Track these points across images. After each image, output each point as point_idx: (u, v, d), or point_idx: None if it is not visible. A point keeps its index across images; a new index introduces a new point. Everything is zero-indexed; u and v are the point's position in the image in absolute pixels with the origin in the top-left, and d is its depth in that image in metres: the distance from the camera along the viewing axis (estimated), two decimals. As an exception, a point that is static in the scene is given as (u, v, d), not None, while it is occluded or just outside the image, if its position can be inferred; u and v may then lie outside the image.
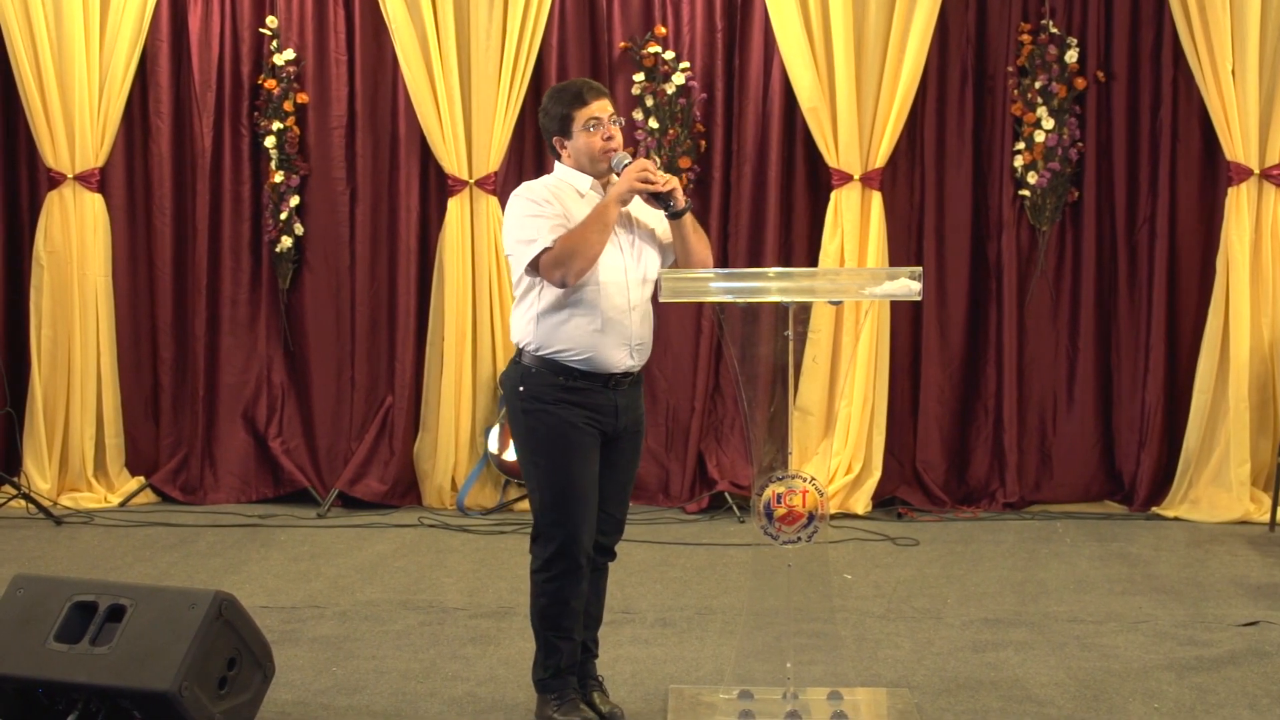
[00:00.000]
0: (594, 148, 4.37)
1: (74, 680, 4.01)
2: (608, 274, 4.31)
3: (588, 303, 4.29)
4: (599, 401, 4.34)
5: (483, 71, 7.48)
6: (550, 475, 4.33)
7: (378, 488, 7.61)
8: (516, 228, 4.32)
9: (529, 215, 4.30)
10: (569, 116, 4.36)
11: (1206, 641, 5.24)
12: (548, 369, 4.32)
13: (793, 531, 4.43)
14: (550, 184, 4.43)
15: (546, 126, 4.45)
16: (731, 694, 4.54)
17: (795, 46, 7.37)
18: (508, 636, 5.30)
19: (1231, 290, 7.31)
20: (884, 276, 4.71)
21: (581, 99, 4.36)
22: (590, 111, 4.36)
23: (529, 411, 4.34)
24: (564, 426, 4.30)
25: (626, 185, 4.28)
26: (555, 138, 4.42)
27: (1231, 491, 7.28)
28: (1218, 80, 7.24)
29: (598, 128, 4.36)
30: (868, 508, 7.44)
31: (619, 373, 4.37)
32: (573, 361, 4.31)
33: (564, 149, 4.42)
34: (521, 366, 4.37)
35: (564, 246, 4.22)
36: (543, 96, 4.57)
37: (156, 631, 4.01)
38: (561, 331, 4.30)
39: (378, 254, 7.75)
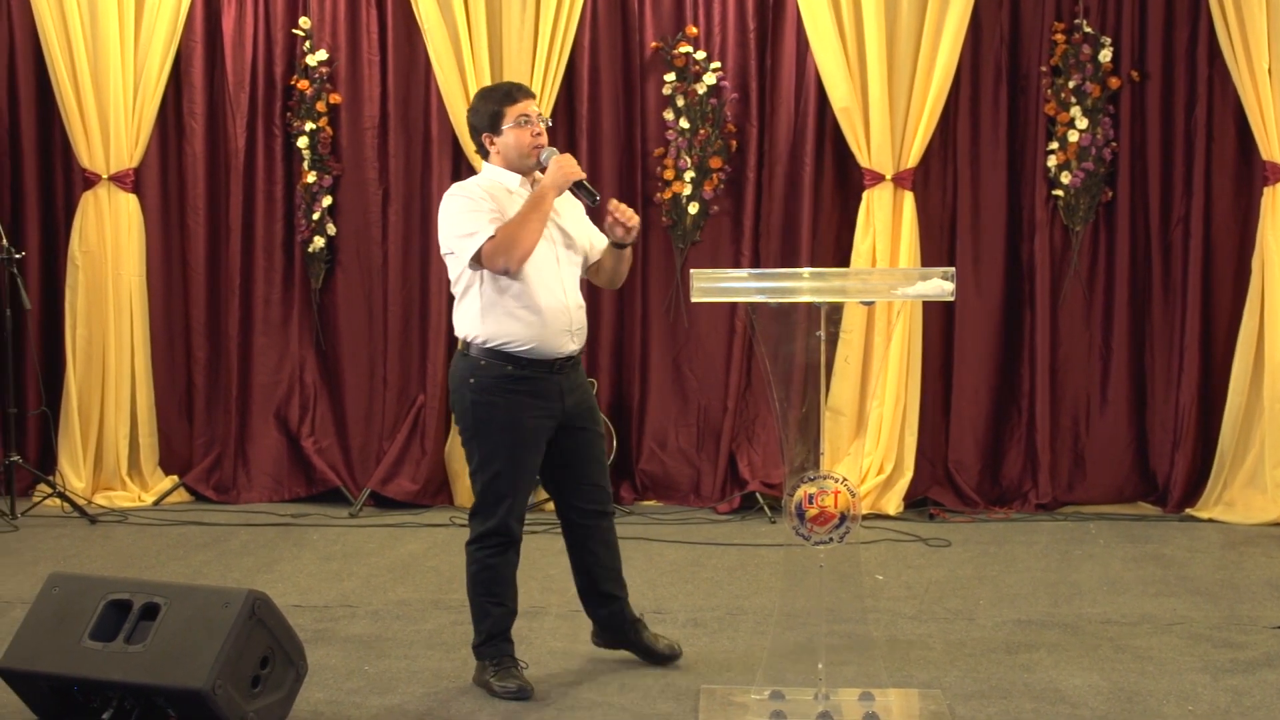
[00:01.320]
0: (524, 142, 4.64)
1: (109, 678, 4.04)
2: (542, 266, 4.61)
3: (528, 294, 4.58)
4: (545, 388, 4.63)
5: (515, 72, 7.48)
6: (493, 461, 4.64)
7: (409, 487, 7.63)
8: (454, 224, 4.58)
9: (466, 211, 4.57)
10: (499, 113, 4.65)
11: (1242, 644, 5.21)
12: (496, 359, 4.60)
13: (824, 532, 4.43)
14: (481, 183, 4.70)
15: (476, 124, 4.73)
16: (763, 694, 4.54)
17: (827, 46, 7.36)
18: (539, 635, 5.31)
19: (1267, 291, 7.27)
20: (916, 277, 4.70)
21: (511, 97, 4.66)
22: (520, 108, 4.64)
23: (479, 403, 4.62)
24: (512, 417, 4.61)
25: (561, 174, 4.57)
26: (485, 135, 4.69)
27: (1267, 493, 7.24)
28: (1254, 79, 7.19)
29: (527, 123, 4.64)
30: (899, 508, 7.42)
31: (562, 357, 4.66)
32: (519, 351, 4.60)
33: (493, 145, 4.69)
34: (470, 359, 4.64)
35: (505, 236, 4.49)
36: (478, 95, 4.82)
37: (190, 630, 4.04)
38: (506, 323, 4.58)
39: (409, 254, 7.76)
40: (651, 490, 7.76)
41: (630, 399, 7.79)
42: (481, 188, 4.66)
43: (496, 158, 4.71)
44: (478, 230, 4.53)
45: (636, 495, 7.74)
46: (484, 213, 4.56)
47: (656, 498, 7.75)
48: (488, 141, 4.70)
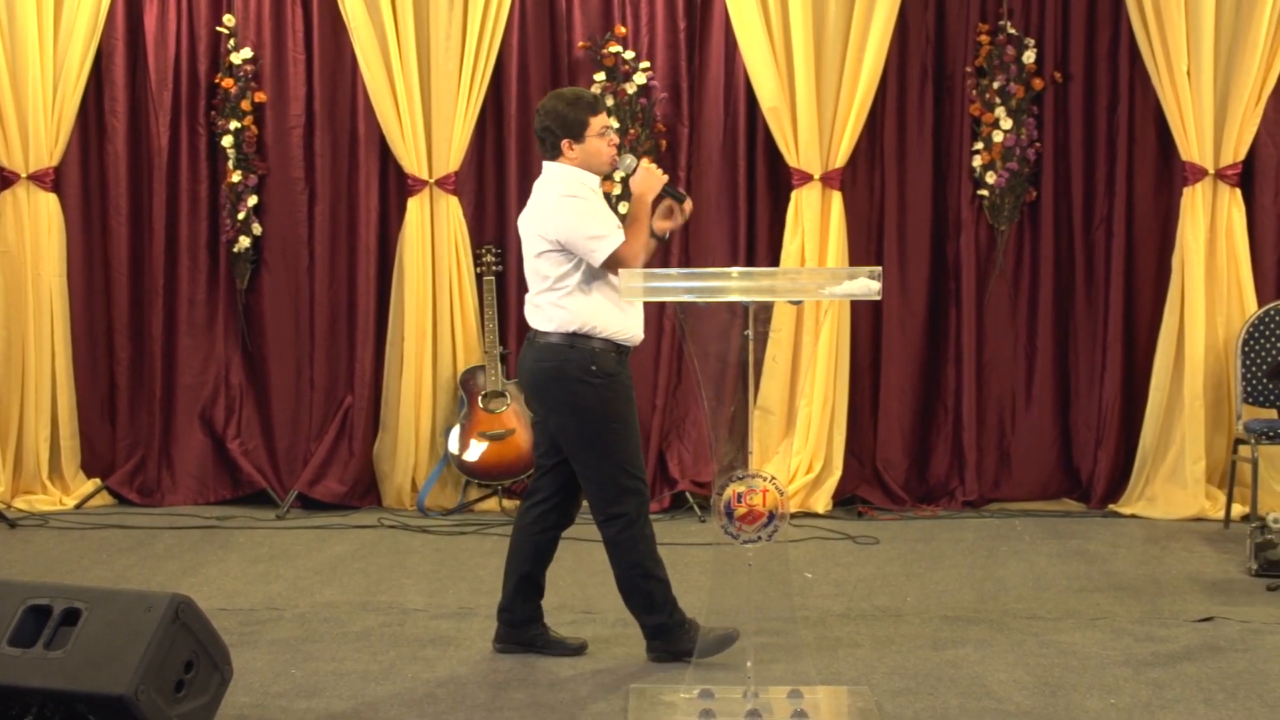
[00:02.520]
0: (604, 154, 4.89)
1: (28, 685, 3.97)
2: None
3: (616, 288, 4.76)
4: (628, 371, 4.96)
5: (443, 71, 7.46)
6: (629, 436, 4.90)
7: (337, 489, 7.58)
8: (583, 225, 4.78)
9: (591, 214, 4.81)
10: (586, 122, 4.84)
11: (1163, 638, 5.27)
12: (610, 348, 4.85)
13: (753, 530, 4.43)
14: (578, 184, 4.88)
15: (555, 128, 4.86)
16: (692, 693, 4.55)
17: (756, 46, 7.38)
18: (468, 637, 5.29)
19: (1187, 289, 7.37)
20: (844, 276, 4.73)
21: (595, 108, 4.88)
22: (602, 120, 4.88)
23: (605, 385, 4.84)
24: (628, 402, 4.91)
25: (654, 179, 4.87)
26: (564, 140, 4.85)
27: (1187, 489, 7.34)
28: (1173, 81, 7.29)
29: (606, 135, 4.88)
30: (828, 506, 7.45)
31: (639, 343, 5.01)
32: (624, 338, 4.89)
33: (571, 150, 4.86)
34: (583, 351, 4.82)
35: (635, 243, 4.78)
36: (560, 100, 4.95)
37: (112, 635, 3.98)
38: (615, 315, 4.84)
39: (337, 254, 7.71)
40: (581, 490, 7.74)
41: (559, 399, 7.76)
42: (585, 187, 4.88)
43: (571, 160, 4.89)
44: (609, 234, 4.76)
45: (566, 495, 7.72)
46: (608, 215, 4.86)
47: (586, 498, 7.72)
48: (567, 146, 4.86)
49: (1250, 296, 7.38)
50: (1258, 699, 4.62)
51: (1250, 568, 6.16)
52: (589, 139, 4.85)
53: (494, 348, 7.52)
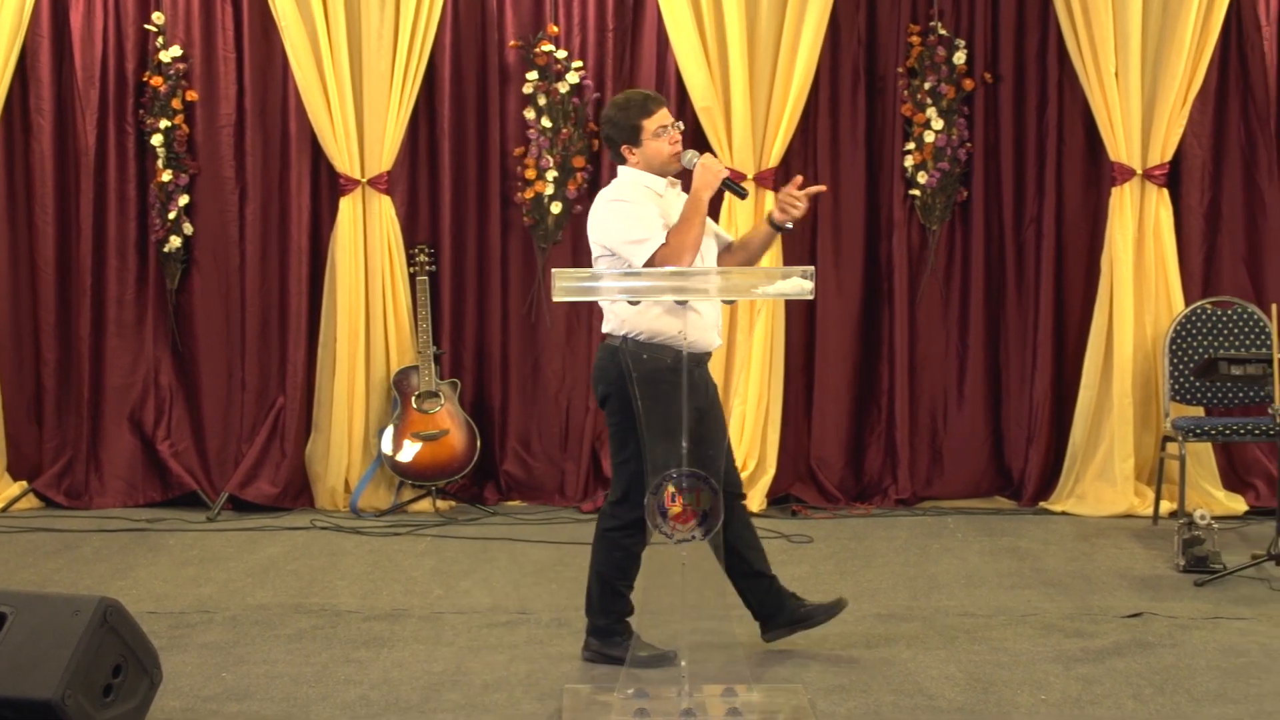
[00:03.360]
0: (664, 153, 4.81)
1: (-47, 690, 3.92)
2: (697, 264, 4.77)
3: None
4: (695, 379, 4.71)
5: (374, 70, 7.42)
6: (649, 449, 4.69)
7: (269, 490, 7.53)
8: (624, 229, 4.73)
9: (634, 216, 4.73)
10: (638, 126, 4.80)
11: (1092, 633, 5.32)
12: (659, 353, 4.71)
13: (687, 530, 4.43)
14: (635, 188, 4.82)
15: (614, 136, 4.87)
16: (627, 693, 4.54)
17: (688, 46, 7.40)
18: (401, 639, 5.26)
19: (1116, 288, 7.45)
20: (777, 275, 4.73)
21: (647, 109, 4.82)
22: (657, 120, 4.81)
23: (645, 394, 4.71)
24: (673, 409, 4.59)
25: (711, 176, 4.73)
26: (624, 146, 4.84)
27: (1116, 486, 7.41)
28: (1101, 82, 7.37)
29: (665, 134, 4.80)
30: (763, 505, 7.48)
31: (710, 352, 4.88)
32: (679, 345, 4.63)
33: (633, 155, 4.84)
34: (629, 353, 4.74)
35: (677, 241, 4.66)
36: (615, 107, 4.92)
37: (38, 639, 3.93)
38: (666, 319, 4.70)
39: (268, 254, 7.66)
40: (515, 491, 7.74)
41: (492, 400, 7.76)
42: (640, 190, 4.80)
43: (637, 164, 4.84)
44: (650, 236, 4.68)
45: (501, 496, 7.72)
46: (653, 219, 4.72)
47: (521, 498, 7.73)
48: (628, 152, 4.84)
49: (1178, 295, 7.47)
50: (1185, 694, 4.67)
51: (1178, 564, 6.23)
52: (645, 141, 4.81)
53: (427, 348, 7.49)
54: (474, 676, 4.84)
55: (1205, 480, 7.43)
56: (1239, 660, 5.01)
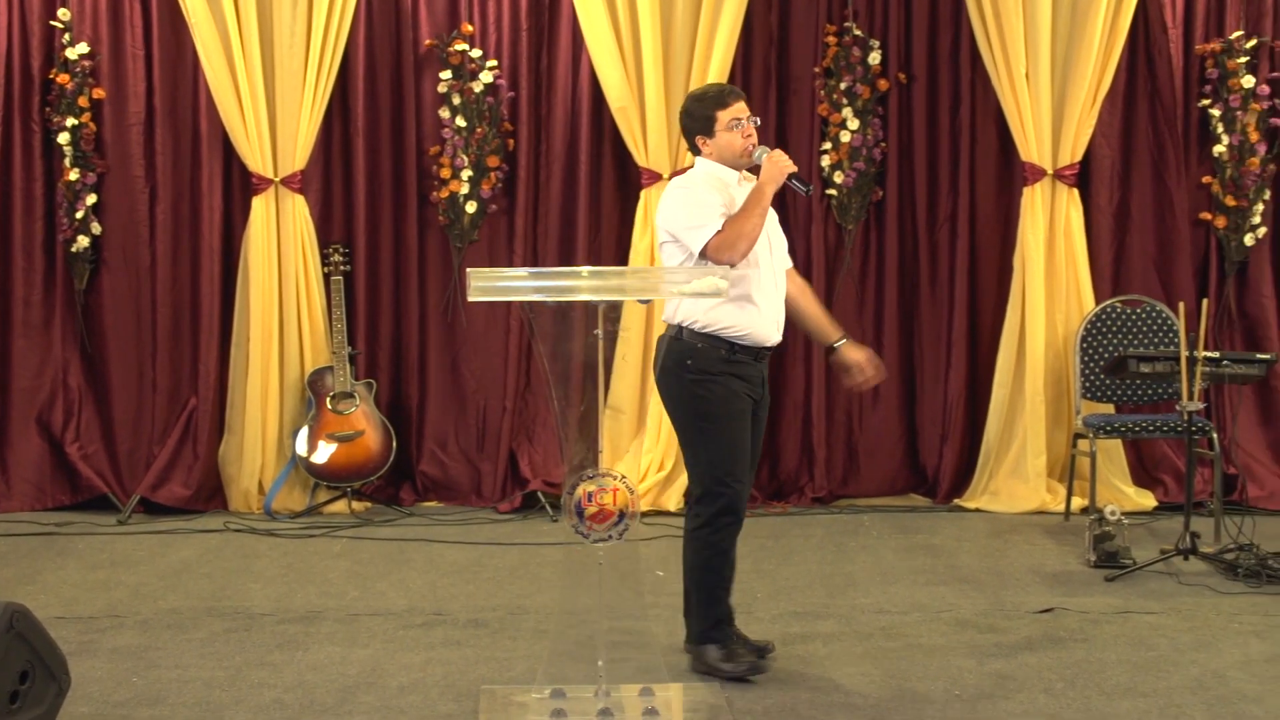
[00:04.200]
0: (736, 145, 4.81)
1: None
2: (759, 259, 4.75)
3: (746, 285, 4.71)
4: (751, 373, 4.78)
5: (287, 68, 7.35)
6: (718, 438, 4.74)
7: (181, 493, 7.43)
8: (683, 216, 4.72)
9: (695, 204, 4.72)
10: (712, 118, 4.80)
11: (1005, 629, 5.38)
12: (713, 344, 4.72)
13: (604, 529, 4.43)
14: (704, 177, 4.82)
15: (690, 126, 4.87)
16: (544, 693, 4.53)
17: (603, 46, 7.39)
18: (316, 641, 5.21)
19: (1028, 287, 7.53)
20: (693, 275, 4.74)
21: (723, 101, 4.81)
22: (732, 113, 4.79)
23: (698, 382, 4.74)
24: (730, 395, 4.74)
25: (776, 170, 4.71)
26: (698, 136, 4.84)
27: (1029, 483, 7.49)
28: (1012, 83, 7.45)
29: (738, 126, 4.79)
30: (680, 505, 7.47)
31: (769, 347, 4.82)
32: (734, 337, 4.73)
33: (706, 146, 4.84)
34: (685, 343, 4.76)
35: (732, 230, 4.64)
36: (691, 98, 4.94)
37: (-56, 646, 3.86)
38: (726, 311, 4.69)
39: (179, 253, 7.56)
40: (432, 491, 7.70)
41: (409, 400, 7.72)
42: (709, 180, 4.80)
43: (711, 155, 4.84)
44: (707, 223, 4.66)
45: (417, 497, 7.68)
46: (713, 206, 4.70)
47: (438, 499, 7.69)
48: (701, 143, 4.84)
49: (1088, 294, 7.57)
50: (1095, 688, 4.73)
51: (1089, 559, 6.31)
52: (719, 133, 4.80)
53: (342, 348, 7.44)
54: (390, 678, 4.81)
55: (1115, 476, 7.53)
56: (1148, 654, 5.08)
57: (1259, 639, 5.25)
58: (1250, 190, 7.56)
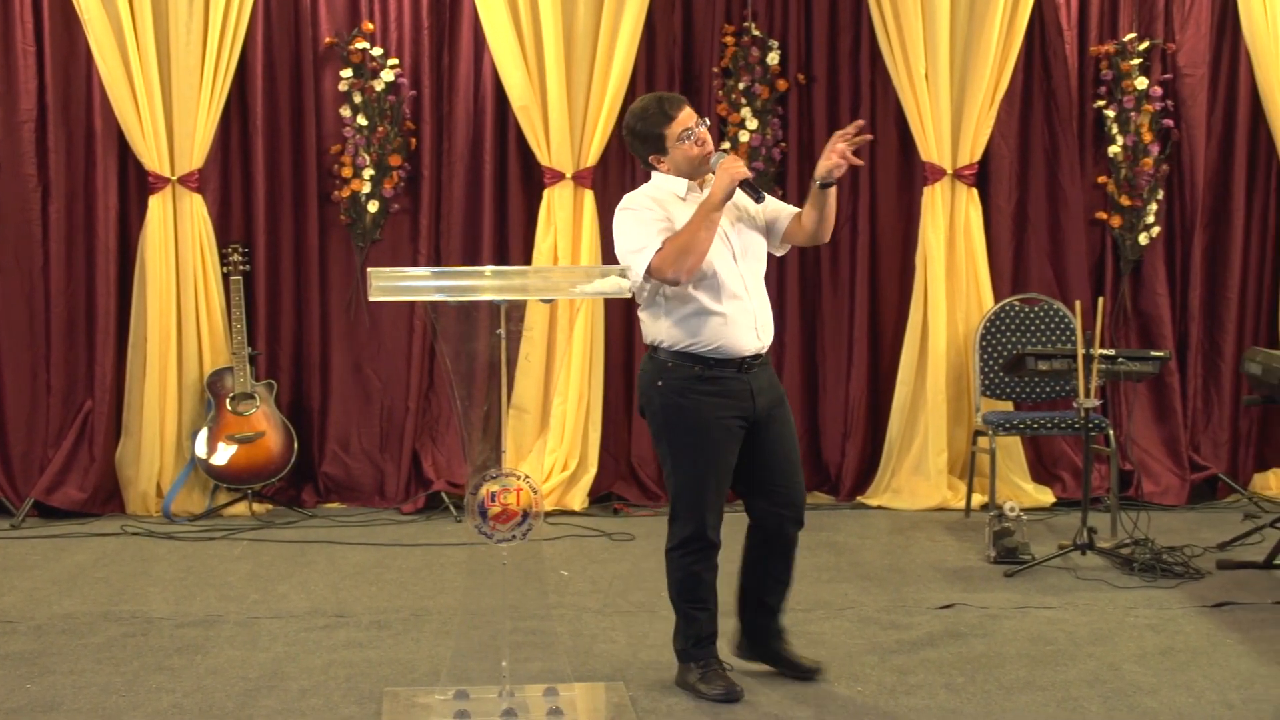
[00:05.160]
0: (692, 156, 4.58)
1: None
2: (719, 266, 4.53)
3: (711, 296, 4.52)
4: (735, 388, 4.57)
5: (184, 65, 7.25)
6: (685, 464, 4.60)
7: (77, 496, 7.31)
8: (625, 239, 4.55)
9: (634, 225, 4.53)
10: (661, 135, 4.57)
11: (906, 625, 5.43)
12: (684, 361, 4.56)
13: (507, 530, 4.43)
14: (649, 193, 4.64)
15: (639, 148, 4.66)
16: (447, 694, 4.52)
17: (504, 45, 7.37)
18: (216, 645, 5.15)
19: (930, 286, 7.60)
20: (596, 274, 4.76)
21: (667, 115, 4.57)
22: (679, 125, 4.56)
23: (668, 405, 4.59)
24: (701, 419, 4.56)
25: (727, 180, 4.44)
26: (651, 155, 4.62)
27: (930, 480, 7.57)
28: (912, 83, 7.52)
29: (690, 137, 4.56)
30: (584, 504, 7.48)
31: (749, 355, 4.58)
32: (704, 351, 4.55)
33: (661, 163, 4.63)
34: (658, 362, 4.62)
35: (672, 247, 4.42)
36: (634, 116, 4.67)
37: None
38: (690, 326, 4.55)
39: (74, 254, 7.43)
40: (335, 493, 7.64)
41: (311, 400, 7.65)
42: (650, 198, 4.60)
43: (670, 171, 4.63)
44: (646, 245, 4.46)
45: (319, 498, 7.61)
46: (651, 224, 4.50)
47: (340, 500, 7.62)
48: (656, 161, 4.63)
49: (988, 293, 7.66)
50: (994, 682, 4.79)
51: (989, 555, 6.39)
52: (672, 149, 4.57)
53: (242, 349, 7.35)
54: (291, 682, 4.77)
55: (1014, 473, 7.63)
56: (1047, 648, 5.15)
57: (1154, 632, 5.35)
58: (1144, 190, 7.68)
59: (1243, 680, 4.82)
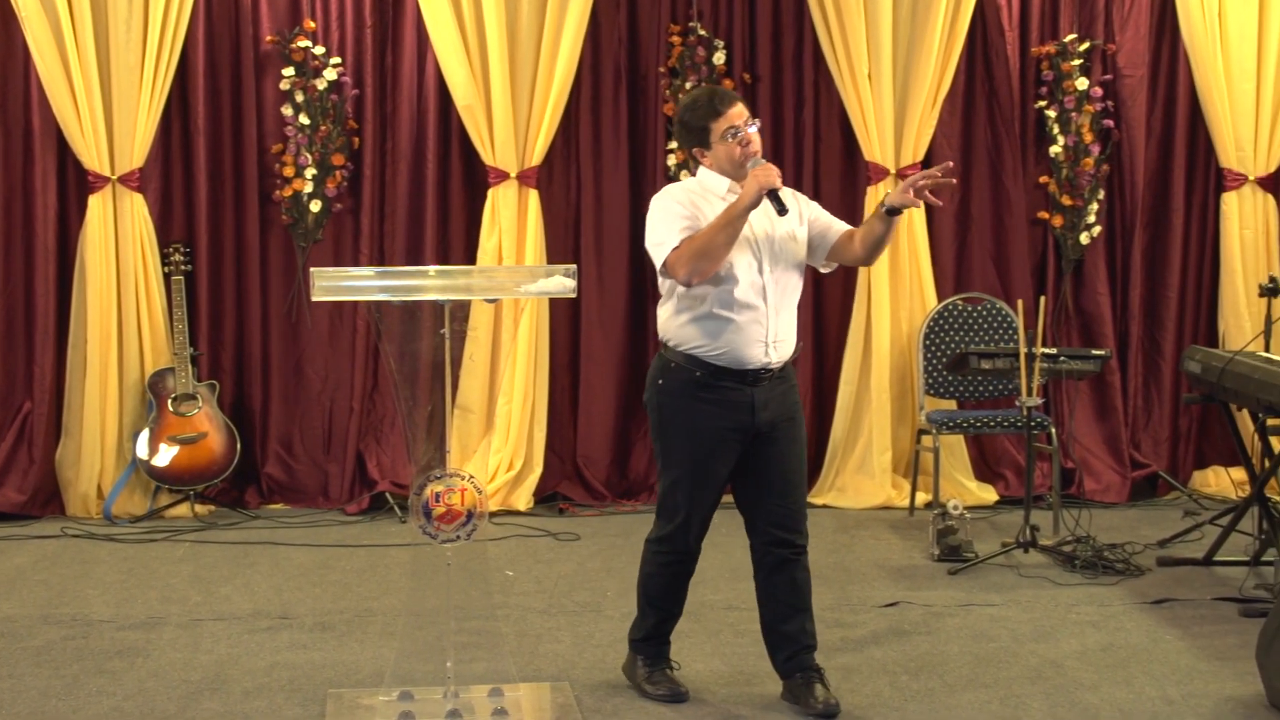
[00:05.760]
0: (734, 155, 4.45)
1: None
2: (744, 273, 4.41)
3: (724, 301, 4.41)
4: (735, 398, 4.45)
5: (123, 63, 7.19)
6: (672, 467, 4.56)
7: (16, 498, 7.22)
8: (651, 230, 4.46)
9: (661, 218, 4.44)
10: (706, 129, 4.47)
11: (852, 623, 5.45)
12: (688, 364, 4.47)
13: (452, 530, 4.42)
14: (690, 188, 4.55)
15: (683, 139, 4.61)
16: (391, 695, 4.51)
17: (448, 43, 7.34)
18: (157, 648, 5.11)
19: (873, 286, 7.63)
20: (540, 274, 4.75)
21: (716, 110, 4.46)
22: (725, 122, 4.45)
23: (664, 405, 4.53)
24: (693, 424, 4.49)
25: (755, 188, 4.31)
26: (695, 149, 4.54)
27: (875, 478, 7.60)
28: (855, 83, 7.55)
29: (735, 135, 4.44)
30: (530, 504, 7.47)
31: (756, 368, 4.45)
32: (710, 357, 4.44)
33: (704, 158, 4.53)
34: (663, 360, 4.55)
35: (690, 248, 4.33)
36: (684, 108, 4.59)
37: None
38: (700, 329, 4.44)
39: (12, 254, 7.34)
40: (278, 494, 7.59)
41: (253, 402, 7.59)
42: (688, 192, 4.51)
43: (711, 166, 4.52)
44: (665, 240, 4.38)
45: (262, 500, 7.56)
46: (676, 220, 4.40)
47: (283, 501, 7.58)
48: (699, 154, 4.53)
49: (930, 292, 7.70)
50: (938, 679, 4.82)
51: (933, 553, 6.43)
52: (715, 145, 4.45)
53: (184, 349, 7.29)
54: (234, 684, 4.74)
55: (958, 471, 7.67)
56: (990, 645, 5.19)
57: (1095, 629, 5.40)
58: (1085, 190, 7.75)
59: (1182, 676, 4.87)
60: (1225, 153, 7.82)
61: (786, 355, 4.54)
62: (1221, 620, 5.52)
